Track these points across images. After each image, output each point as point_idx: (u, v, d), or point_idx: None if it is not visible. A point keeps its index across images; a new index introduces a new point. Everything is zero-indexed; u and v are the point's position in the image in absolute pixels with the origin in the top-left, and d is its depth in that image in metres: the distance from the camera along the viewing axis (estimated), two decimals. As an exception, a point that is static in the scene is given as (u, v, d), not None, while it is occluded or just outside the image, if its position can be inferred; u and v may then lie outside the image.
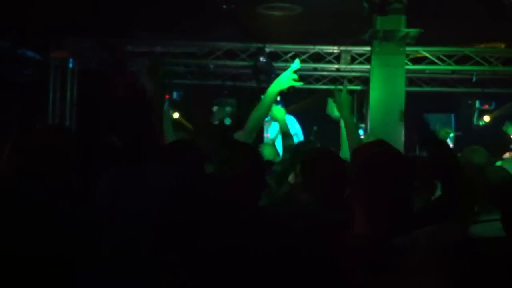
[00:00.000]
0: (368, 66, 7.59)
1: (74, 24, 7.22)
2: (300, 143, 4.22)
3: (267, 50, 7.85)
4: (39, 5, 6.38)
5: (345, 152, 3.76)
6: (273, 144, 6.14)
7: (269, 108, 3.34)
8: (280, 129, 3.76)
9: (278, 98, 4.11)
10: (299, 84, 3.32)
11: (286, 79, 3.28)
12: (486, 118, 9.60)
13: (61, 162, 2.14)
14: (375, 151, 1.95)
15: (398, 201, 1.80)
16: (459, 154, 3.64)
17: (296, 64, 3.31)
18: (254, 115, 3.29)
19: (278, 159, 4.20)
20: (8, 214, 2.08)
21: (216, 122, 9.20)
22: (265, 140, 7.89)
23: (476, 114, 9.67)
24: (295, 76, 3.27)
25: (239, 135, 3.24)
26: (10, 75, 7.39)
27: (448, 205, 2.05)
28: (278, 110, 3.78)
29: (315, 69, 8.65)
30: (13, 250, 1.97)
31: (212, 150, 2.39)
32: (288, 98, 7.35)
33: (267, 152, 4.83)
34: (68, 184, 2.13)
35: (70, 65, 8.24)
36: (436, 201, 2.35)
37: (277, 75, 3.55)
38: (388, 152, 1.92)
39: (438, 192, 2.94)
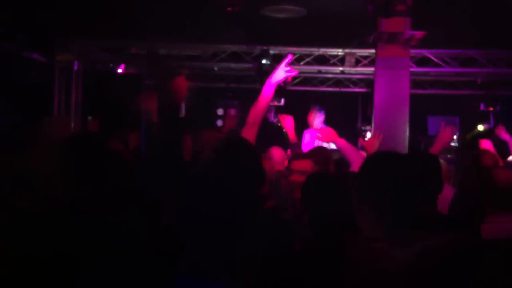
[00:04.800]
0: (372, 69, 7.59)
1: (79, 27, 7.25)
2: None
3: (271, 52, 7.87)
4: (44, 8, 6.40)
5: None
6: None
7: (268, 102, 3.39)
8: None
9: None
10: (293, 74, 3.38)
11: (280, 73, 3.33)
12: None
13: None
14: (379, 157, 1.96)
15: (408, 205, 1.82)
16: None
17: (288, 57, 3.38)
18: (253, 110, 3.34)
19: None
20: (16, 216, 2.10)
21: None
22: None
23: None
24: (288, 68, 3.32)
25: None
26: (16, 77, 7.43)
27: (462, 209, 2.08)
28: None
29: (320, 72, 8.67)
30: (17, 250, 1.99)
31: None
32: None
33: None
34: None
35: (75, 67, 8.28)
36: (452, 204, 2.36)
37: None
38: (391, 157, 1.94)
39: None
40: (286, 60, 3.34)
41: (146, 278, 1.97)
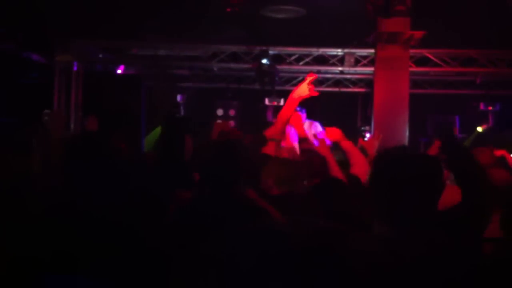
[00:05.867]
0: (372, 69, 7.59)
1: (79, 27, 7.26)
2: None
3: (271, 52, 7.87)
4: (44, 8, 6.41)
5: None
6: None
7: (290, 115, 3.53)
8: None
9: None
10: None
11: (305, 89, 3.46)
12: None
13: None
14: (395, 156, 1.97)
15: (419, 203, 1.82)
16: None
17: (313, 76, 3.50)
18: (280, 118, 3.49)
19: None
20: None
21: None
22: None
23: None
24: (311, 87, 3.44)
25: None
26: (16, 77, 7.43)
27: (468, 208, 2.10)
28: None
29: (319, 72, 8.67)
30: (17, 250, 2.00)
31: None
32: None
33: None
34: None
35: (75, 68, 8.28)
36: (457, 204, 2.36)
37: (280, 78, 3.69)
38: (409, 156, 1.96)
39: None
40: (311, 78, 3.44)
41: (146, 278, 1.98)
